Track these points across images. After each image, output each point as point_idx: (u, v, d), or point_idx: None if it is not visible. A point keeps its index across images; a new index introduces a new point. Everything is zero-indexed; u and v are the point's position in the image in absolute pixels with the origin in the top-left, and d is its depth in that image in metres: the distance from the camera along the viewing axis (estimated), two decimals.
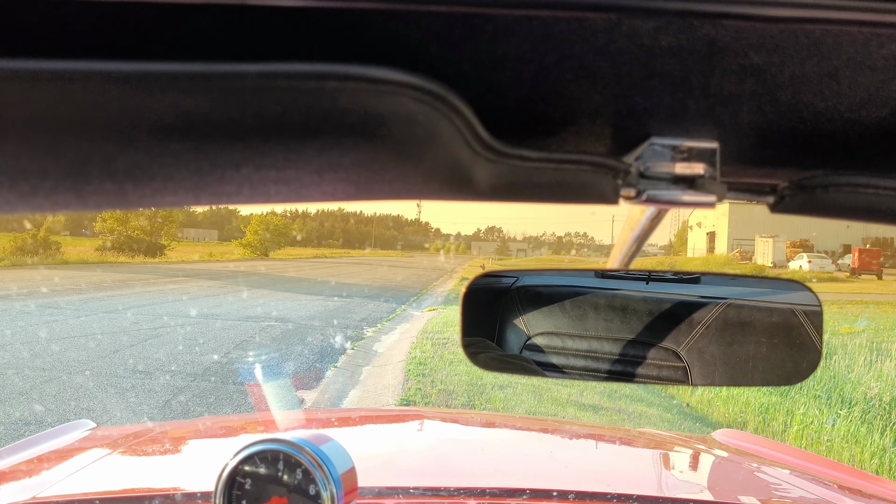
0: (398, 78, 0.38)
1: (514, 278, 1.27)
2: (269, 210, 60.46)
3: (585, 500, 1.44)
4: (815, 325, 1.10)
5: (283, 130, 0.39)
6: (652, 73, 0.46)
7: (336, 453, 1.10)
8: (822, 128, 0.51)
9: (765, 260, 47.58)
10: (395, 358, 9.29)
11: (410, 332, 11.74)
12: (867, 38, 0.43)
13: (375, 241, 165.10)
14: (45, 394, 6.67)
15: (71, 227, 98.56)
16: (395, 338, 11.46)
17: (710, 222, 63.33)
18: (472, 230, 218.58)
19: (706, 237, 65.30)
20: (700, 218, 66.95)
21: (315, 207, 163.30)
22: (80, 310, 13.33)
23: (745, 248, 54.31)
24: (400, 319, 14.38)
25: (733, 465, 1.97)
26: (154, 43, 0.40)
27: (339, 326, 12.56)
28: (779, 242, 48.64)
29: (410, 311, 16.22)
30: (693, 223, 71.42)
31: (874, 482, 1.95)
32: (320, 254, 76.57)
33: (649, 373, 1.15)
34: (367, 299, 18.88)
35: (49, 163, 0.37)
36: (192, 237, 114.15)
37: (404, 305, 17.60)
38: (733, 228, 57.99)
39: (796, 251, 48.17)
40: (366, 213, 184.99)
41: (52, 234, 39.18)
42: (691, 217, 70.75)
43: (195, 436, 2.09)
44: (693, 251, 68.37)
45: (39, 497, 1.40)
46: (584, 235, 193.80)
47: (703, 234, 66.54)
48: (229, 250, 58.78)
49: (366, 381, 7.90)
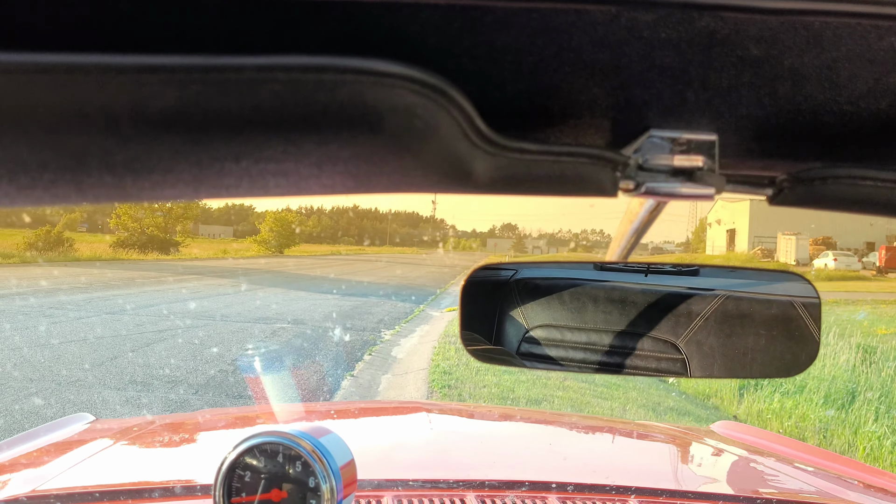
0: (397, 70, 0.38)
1: (513, 271, 1.26)
2: (285, 207, 60.50)
3: (584, 491, 1.44)
4: (813, 317, 1.11)
5: (281, 123, 0.38)
6: (651, 65, 0.46)
7: (335, 446, 1.09)
8: (821, 120, 0.51)
9: (787, 258, 47.05)
10: (416, 365, 8.69)
11: (431, 335, 11.05)
12: (866, 30, 0.43)
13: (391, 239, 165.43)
14: (26, 411, 5.98)
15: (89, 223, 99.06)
16: (414, 341, 10.79)
17: (731, 219, 62.74)
18: (488, 227, 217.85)
19: (726, 234, 64.66)
20: (719, 215, 66.38)
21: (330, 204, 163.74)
22: (83, 310, 12.73)
23: (767, 245, 53.88)
24: (419, 320, 13.72)
25: (733, 456, 1.95)
26: (153, 36, 0.39)
27: (355, 329, 11.91)
28: (802, 240, 48.17)
29: (429, 312, 15.45)
30: (712, 220, 70.65)
31: (873, 474, 1.93)
32: (335, 251, 75.89)
33: (648, 364, 1.15)
34: (384, 299, 18.17)
35: (48, 155, 0.37)
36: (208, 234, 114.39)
37: (423, 305, 16.88)
38: (754, 225, 57.14)
39: (819, 249, 47.75)
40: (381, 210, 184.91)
41: (70, 230, 39.51)
42: (710, 214, 70.49)
43: (195, 428, 2.07)
44: (712, 248, 67.65)
45: (39, 490, 1.39)
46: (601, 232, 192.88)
47: (722, 231, 65.79)
48: (244, 247, 58.31)
49: (386, 394, 7.36)
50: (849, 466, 2.01)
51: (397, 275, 31.99)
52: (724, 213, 64.25)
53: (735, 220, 61.36)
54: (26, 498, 1.35)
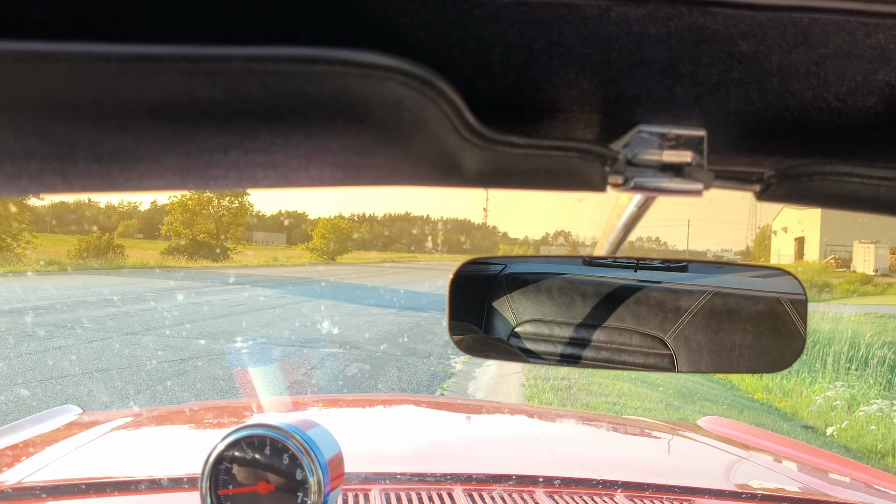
0: (386, 62, 0.37)
1: (502, 265, 1.27)
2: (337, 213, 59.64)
3: (571, 486, 1.44)
4: (800, 314, 1.11)
5: (270, 114, 0.38)
6: (640, 60, 0.45)
7: (323, 439, 1.08)
8: (809, 116, 0.51)
9: (865, 267, 44.48)
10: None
11: (512, 366, 9.21)
12: (854, 27, 0.43)
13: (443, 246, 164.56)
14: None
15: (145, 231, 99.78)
16: (492, 373, 8.96)
17: (799, 227, 59.83)
18: (541, 234, 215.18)
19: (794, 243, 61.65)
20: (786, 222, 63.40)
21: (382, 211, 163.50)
22: (100, 330, 11.16)
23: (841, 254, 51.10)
24: None
25: (719, 452, 1.94)
26: (141, 25, 0.39)
27: (418, 354, 10.17)
28: (881, 248, 45.53)
29: None
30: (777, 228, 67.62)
31: (858, 469, 1.93)
32: (387, 258, 74.66)
33: (636, 360, 1.15)
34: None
35: (35, 145, 0.37)
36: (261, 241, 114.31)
37: None
38: (826, 233, 54.42)
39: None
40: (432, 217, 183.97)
41: (126, 237, 39.30)
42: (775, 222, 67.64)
43: (182, 421, 2.05)
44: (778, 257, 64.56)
45: (25, 481, 1.38)
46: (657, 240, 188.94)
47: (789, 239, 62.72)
48: (296, 254, 57.12)
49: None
50: (834, 462, 2.00)
51: None
52: (792, 220, 61.31)
53: (804, 228, 58.48)
54: (12, 489, 1.34)
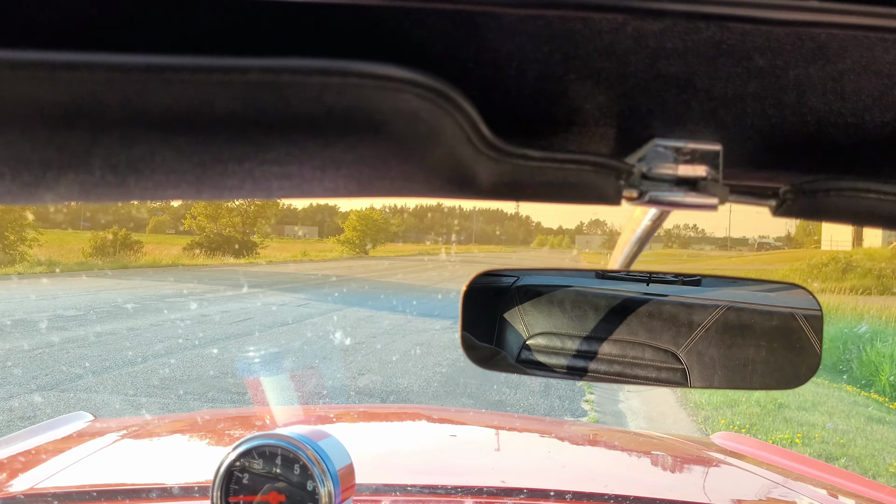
0: (402, 75, 0.38)
1: (514, 278, 1.27)
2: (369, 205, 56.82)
3: (582, 500, 1.43)
4: (815, 330, 1.10)
5: (286, 125, 0.38)
6: (656, 74, 0.45)
7: (334, 450, 1.08)
8: (826, 132, 0.50)
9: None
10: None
11: (667, 400, 5.95)
12: (872, 42, 0.42)
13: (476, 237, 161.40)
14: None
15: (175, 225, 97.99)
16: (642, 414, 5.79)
17: None
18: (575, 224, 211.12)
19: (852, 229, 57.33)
20: None
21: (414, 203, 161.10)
22: (75, 362, 8.03)
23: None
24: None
25: (731, 468, 1.93)
26: (158, 36, 0.39)
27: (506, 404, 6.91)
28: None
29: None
30: None
31: (872, 488, 1.90)
32: (423, 250, 71.58)
33: (648, 374, 1.15)
34: None
35: (51, 154, 0.37)
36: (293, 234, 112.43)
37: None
38: None
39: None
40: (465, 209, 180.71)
41: (158, 232, 36.87)
42: None
43: (193, 429, 2.05)
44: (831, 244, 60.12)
45: (37, 488, 1.38)
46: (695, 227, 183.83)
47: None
48: (327, 248, 55.07)
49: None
50: (848, 480, 1.97)
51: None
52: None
53: None
54: (24, 496, 1.34)
